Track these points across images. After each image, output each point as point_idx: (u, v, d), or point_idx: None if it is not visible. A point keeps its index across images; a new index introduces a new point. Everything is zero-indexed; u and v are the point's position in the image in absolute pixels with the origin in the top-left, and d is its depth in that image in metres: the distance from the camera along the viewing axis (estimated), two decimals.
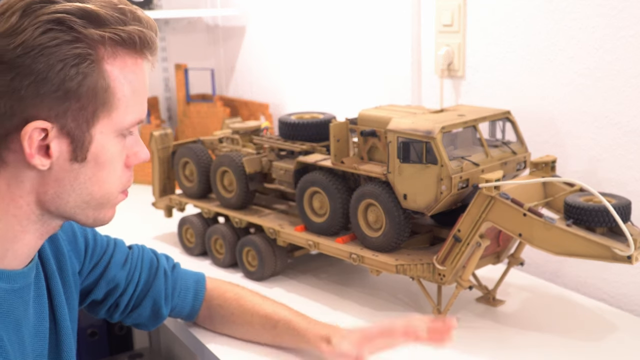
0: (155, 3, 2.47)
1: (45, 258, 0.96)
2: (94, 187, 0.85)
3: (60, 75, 0.78)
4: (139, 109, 0.86)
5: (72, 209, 0.85)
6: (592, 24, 1.32)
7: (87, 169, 0.83)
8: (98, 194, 0.86)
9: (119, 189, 0.88)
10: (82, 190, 0.84)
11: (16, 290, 0.85)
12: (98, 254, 1.10)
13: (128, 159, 0.88)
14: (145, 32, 0.83)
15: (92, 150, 0.83)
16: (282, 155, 1.48)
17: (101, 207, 0.88)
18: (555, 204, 1.19)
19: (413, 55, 1.72)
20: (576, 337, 1.20)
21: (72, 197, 0.84)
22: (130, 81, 0.83)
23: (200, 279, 1.23)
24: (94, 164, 0.83)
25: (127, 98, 0.83)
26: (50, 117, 0.79)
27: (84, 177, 0.84)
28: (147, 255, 1.19)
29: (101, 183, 0.85)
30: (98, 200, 0.86)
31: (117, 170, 0.86)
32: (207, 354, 1.20)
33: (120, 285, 1.13)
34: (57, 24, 0.78)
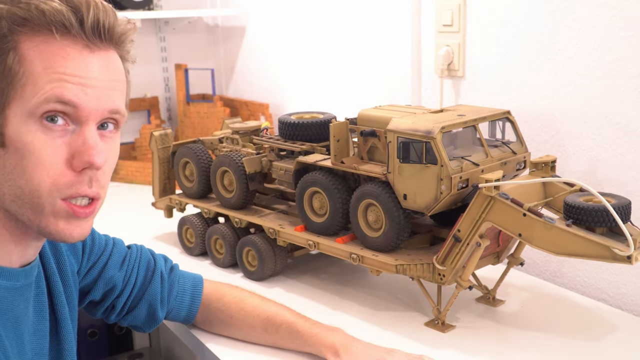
0: (155, 3, 2.48)
1: (45, 257, 0.96)
2: (21, 179, 0.78)
3: None
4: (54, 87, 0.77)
5: (10, 204, 0.80)
6: (592, 24, 1.32)
7: (10, 155, 0.77)
8: (27, 190, 0.78)
9: (50, 191, 0.79)
10: (12, 181, 0.78)
11: (17, 289, 0.85)
12: (96, 254, 1.09)
13: (72, 159, 0.79)
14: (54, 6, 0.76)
15: (9, 135, 0.77)
16: (282, 155, 1.48)
17: (37, 210, 0.79)
18: (555, 204, 1.19)
19: (413, 55, 1.72)
20: (576, 337, 1.20)
21: (6, 188, 0.79)
22: (42, 59, 0.76)
23: (198, 283, 1.22)
24: (14, 150, 0.77)
25: (35, 76, 0.76)
26: None
27: (11, 166, 0.78)
28: (144, 257, 1.18)
29: (27, 176, 0.78)
30: (29, 198, 0.79)
31: (45, 165, 0.78)
32: (207, 354, 1.20)
33: (117, 286, 1.13)
34: None
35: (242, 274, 1.50)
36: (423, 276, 1.20)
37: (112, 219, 1.45)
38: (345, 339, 1.10)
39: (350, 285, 1.43)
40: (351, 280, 1.46)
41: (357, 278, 1.47)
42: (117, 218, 1.84)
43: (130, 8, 2.32)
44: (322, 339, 1.11)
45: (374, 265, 1.26)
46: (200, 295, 1.21)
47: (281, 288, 1.43)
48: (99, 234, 1.13)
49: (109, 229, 1.20)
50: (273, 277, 1.48)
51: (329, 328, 1.14)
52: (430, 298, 1.25)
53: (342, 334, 1.12)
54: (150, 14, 2.32)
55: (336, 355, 1.08)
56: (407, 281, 1.41)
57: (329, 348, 1.09)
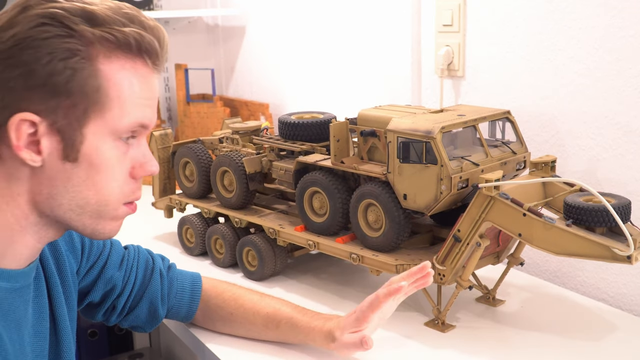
0: (155, 3, 2.48)
1: (44, 258, 0.96)
2: (89, 191, 0.82)
3: (47, 69, 0.77)
4: (139, 113, 0.83)
5: (66, 212, 0.83)
6: (592, 24, 1.32)
7: (80, 170, 0.81)
8: (94, 200, 0.83)
9: (119, 199, 0.85)
10: (76, 193, 0.82)
11: (17, 290, 0.85)
12: (95, 254, 1.09)
13: (134, 170, 0.86)
14: (145, 35, 0.82)
15: (84, 151, 0.81)
16: (282, 155, 1.48)
17: (99, 216, 0.85)
18: (555, 204, 1.19)
19: (413, 55, 1.72)
20: (576, 337, 1.20)
21: (66, 199, 0.82)
22: (128, 84, 0.81)
23: (196, 280, 1.23)
24: (87, 165, 0.81)
25: (122, 100, 0.81)
26: (40, 111, 0.78)
27: (78, 179, 0.81)
28: (142, 256, 1.18)
29: (97, 188, 0.83)
30: (94, 207, 0.83)
31: (116, 178, 0.84)
32: (208, 353, 1.20)
33: (117, 286, 1.13)
34: (50, 18, 0.78)
35: (242, 274, 1.50)
36: None
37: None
38: (339, 322, 1.11)
39: (350, 285, 1.43)
40: (351, 280, 1.46)
41: (357, 278, 1.47)
42: None
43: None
44: (320, 331, 1.12)
45: (374, 265, 1.26)
46: (199, 292, 1.21)
47: (281, 288, 1.43)
48: None
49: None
50: (273, 277, 1.48)
51: (327, 317, 1.14)
52: (430, 298, 1.25)
53: (337, 320, 1.13)
54: (150, 14, 2.31)
55: (333, 340, 1.10)
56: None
57: (326, 338, 1.11)
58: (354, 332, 1.09)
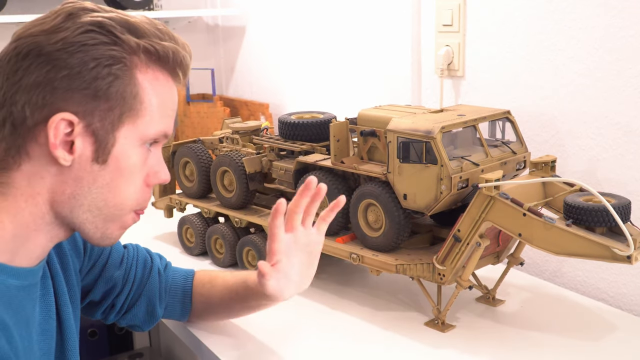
0: (155, 3, 2.47)
1: (49, 257, 0.96)
2: (110, 194, 0.85)
3: (93, 73, 0.80)
4: (165, 122, 0.88)
5: (84, 213, 0.85)
6: (592, 24, 1.32)
7: (107, 172, 0.84)
8: (112, 203, 0.86)
9: (132, 205, 0.88)
10: (98, 194, 0.85)
11: (26, 288, 0.86)
12: (96, 254, 1.11)
13: (148, 177, 0.89)
14: (180, 50, 0.87)
15: (114, 154, 0.84)
16: (282, 155, 1.48)
17: (112, 219, 0.88)
18: (555, 204, 1.19)
19: (413, 55, 1.72)
20: (576, 337, 1.20)
21: (88, 200, 0.85)
22: (159, 94, 0.86)
23: (189, 276, 1.24)
24: (114, 168, 0.84)
25: (153, 109, 0.85)
26: (78, 112, 0.81)
27: (102, 181, 0.84)
28: (141, 255, 1.20)
29: (117, 191, 0.86)
30: (111, 210, 0.87)
31: (135, 183, 0.87)
32: (207, 353, 1.20)
33: (117, 285, 1.14)
34: (98, 26, 0.82)
35: None
36: (423, 276, 1.20)
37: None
38: None
39: (350, 285, 1.43)
40: (351, 280, 1.46)
41: (357, 278, 1.47)
42: None
43: (130, 8, 2.32)
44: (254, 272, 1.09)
45: (374, 265, 1.26)
46: (191, 287, 1.23)
47: None
48: None
49: None
50: None
51: None
52: (430, 298, 1.25)
53: None
54: (150, 14, 2.32)
55: None
56: (407, 281, 1.41)
57: None
58: None
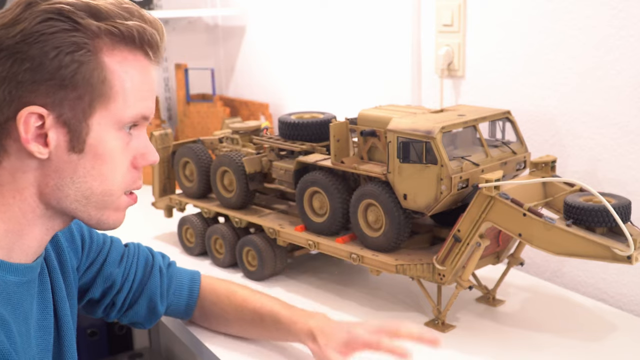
0: (155, 3, 2.47)
1: (47, 254, 0.96)
2: (95, 181, 0.84)
3: (55, 63, 0.79)
4: (141, 105, 0.86)
5: (72, 203, 0.85)
6: (592, 24, 1.32)
7: (86, 161, 0.83)
8: (98, 190, 0.85)
9: (122, 188, 0.87)
10: (82, 183, 0.84)
11: (24, 284, 0.86)
12: (94, 251, 1.10)
13: (135, 160, 0.88)
14: (147, 28, 0.84)
15: (90, 142, 0.83)
16: (282, 155, 1.48)
17: (103, 206, 0.87)
18: (555, 204, 1.19)
19: (413, 55, 1.72)
20: (576, 337, 1.20)
21: (72, 190, 0.84)
22: (131, 76, 0.84)
23: (195, 277, 1.23)
24: (93, 156, 0.83)
25: (125, 91, 0.84)
26: (47, 104, 0.80)
27: (83, 170, 0.83)
28: (142, 253, 1.19)
29: (102, 178, 0.85)
30: (99, 197, 0.85)
31: (120, 168, 0.86)
32: (207, 353, 1.20)
33: (116, 283, 1.13)
34: (57, 13, 0.80)
35: (242, 274, 1.50)
36: (423, 276, 1.20)
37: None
38: (321, 322, 1.11)
39: (350, 285, 1.43)
40: (351, 280, 1.46)
41: (357, 278, 1.47)
42: None
43: None
44: (302, 326, 1.11)
45: (374, 265, 1.26)
46: (197, 289, 1.22)
47: (281, 288, 1.43)
48: (97, 232, 1.13)
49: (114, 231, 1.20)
50: (273, 277, 1.48)
51: (309, 314, 1.14)
52: (430, 298, 1.25)
53: (319, 318, 1.12)
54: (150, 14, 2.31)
55: (313, 340, 1.09)
56: (407, 281, 1.41)
57: (307, 334, 1.10)
58: (340, 353, 1.06)
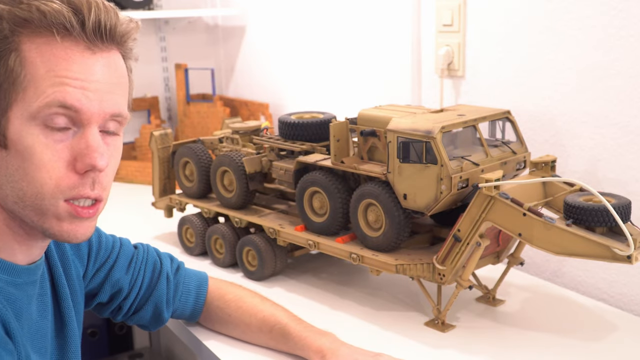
0: (155, 3, 2.48)
1: (52, 259, 0.96)
2: (23, 182, 0.78)
3: None
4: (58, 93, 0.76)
5: (12, 205, 0.80)
6: (592, 23, 1.32)
7: (12, 157, 0.77)
8: (29, 192, 0.78)
9: (54, 193, 0.79)
10: (14, 183, 0.78)
11: (18, 285, 0.85)
12: (102, 256, 1.10)
13: (75, 162, 0.79)
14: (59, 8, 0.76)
15: (10, 137, 0.77)
16: (282, 155, 1.48)
17: (41, 212, 0.80)
18: (555, 203, 1.19)
19: (413, 55, 1.72)
20: (576, 337, 1.20)
21: (8, 189, 0.79)
22: (44, 61, 0.76)
23: (203, 282, 1.23)
24: (16, 152, 0.77)
25: (37, 78, 0.76)
26: None
27: (13, 167, 0.78)
28: (151, 258, 1.18)
29: (29, 178, 0.78)
30: (31, 200, 0.79)
31: (47, 168, 0.78)
32: (208, 353, 1.20)
33: (124, 289, 1.13)
34: None
35: (242, 273, 1.49)
36: (423, 276, 1.20)
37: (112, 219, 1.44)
38: (333, 344, 1.09)
39: (350, 285, 1.43)
40: (351, 281, 1.46)
41: (357, 278, 1.47)
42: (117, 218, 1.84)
43: (130, 8, 2.33)
44: (311, 342, 1.10)
45: (374, 265, 1.26)
46: (204, 294, 1.22)
47: (281, 288, 1.43)
48: (107, 235, 1.13)
49: (109, 228, 1.20)
50: (273, 277, 1.48)
51: (320, 332, 1.13)
52: (430, 298, 1.25)
53: (331, 338, 1.11)
54: (150, 14, 2.32)
55: (323, 359, 1.07)
56: (407, 281, 1.41)
57: (316, 352, 1.09)
58: None
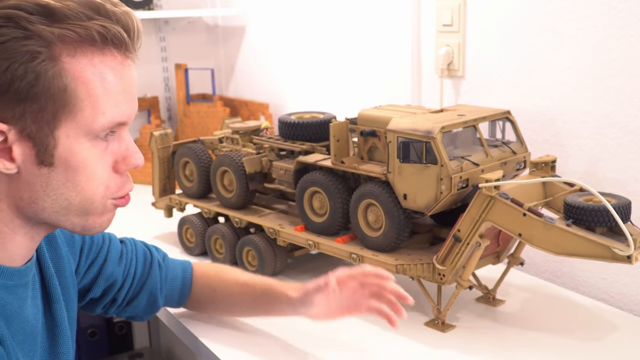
0: (155, 3, 2.48)
1: (43, 261, 0.95)
2: (71, 192, 0.80)
3: (7, 75, 0.73)
4: (115, 110, 0.79)
5: (50, 215, 0.81)
6: (592, 23, 1.32)
7: (58, 174, 0.78)
8: (76, 200, 0.80)
9: (106, 196, 0.83)
10: (58, 196, 0.80)
11: (9, 287, 0.84)
12: (94, 252, 1.10)
13: (117, 165, 0.83)
14: (110, 27, 0.77)
15: (59, 155, 0.78)
16: (282, 155, 1.48)
17: (86, 213, 0.82)
18: (555, 203, 1.19)
19: (413, 55, 1.72)
20: (576, 337, 1.20)
21: (48, 202, 0.80)
22: (100, 80, 0.77)
23: (187, 266, 1.25)
24: (65, 168, 0.78)
25: (94, 98, 0.77)
26: (6, 118, 0.74)
27: (57, 183, 0.79)
28: (140, 248, 1.20)
29: (79, 189, 0.80)
30: (78, 207, 0.81)
31: (99, 176, 0.81)
32: (207, 353, 1.20)
33: (117, 281, 1.14)
34: (6, 20, 0.73)
35: None
36: (423, 276, 1.20)
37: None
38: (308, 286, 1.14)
39: None
40: None
41: None
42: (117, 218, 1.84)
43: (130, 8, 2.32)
44: (296, 286, 1.15)
45: (374, 265, 1.25)
46: (190, 277, 1.24)
47: None
48: None
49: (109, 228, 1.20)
50: (273, 277, 1.47)
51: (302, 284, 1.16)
52: (430, 298, 1.25)
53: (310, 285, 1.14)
54: (150, 14, 2.32)
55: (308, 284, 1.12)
56: (407, 281, 1.41)
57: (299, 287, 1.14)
58: None
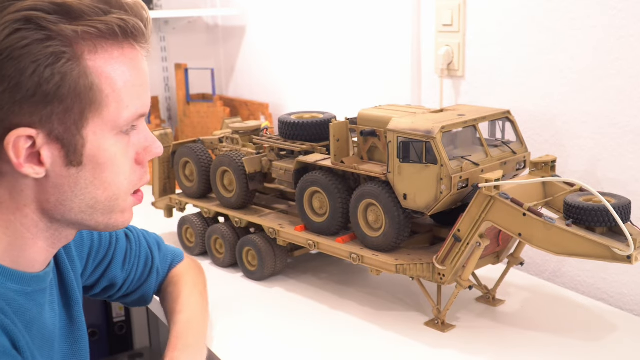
0: (155, 3, 2.48)
1: (62, 266, 0.95)
2: (98, 190, 0.81)
3: (34, 79, 0.72)
4: (137, 102, 0.80)
5: (77, 214, 0.82)
6: (592, 23, 1.32)
7: (86, 172, 0.79)
8: (103, 197, 0.82)
9: (128, 190, 0.84)
10: (85, 195, 0.80)
11: (28, 294, 0.84)
12: (101, 255, 1.11)
13: (139, 156, 0.84)
14: (128, 19, 0.77)
15: (88, 153, 0.78)
16: (282, 155, 1.48)
17: (110, 211, 0.84)
18: (555, 203, 1.19)
19: (413, 55, 1.72)
20: (576, 337, 1.20)
21: (76, 203, 0.80)
22: (121, 74, 0.78)
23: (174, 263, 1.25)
24: (93, 166, 0.79)
25: (118, 93, 0.78)
26: (33, 123, 0.74)
27: (85, 182, 0.80)
28: (143, 250, 1.20)
29: (106, 185, 0.81)
30: (105, 204, 0.82)
31: (123, 170, 0.82)
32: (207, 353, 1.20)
33: (117, 283, 1.16)
34: (25, 22, 0.72)
35: (242, 273, 1.49)
36: (423, 276, 1.20)
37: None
38: None
39: (350, 285, 1.43)
40: (351, 280, 1.46)
41: (357, 278, 1.47)
42: None
43: None
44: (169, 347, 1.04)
45: (374, 265, 1.26)
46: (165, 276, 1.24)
47: (281, 288, 1.43)
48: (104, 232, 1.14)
49: None
50: (273, 277, 1.48)
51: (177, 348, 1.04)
52: (430, 298, 1.25)
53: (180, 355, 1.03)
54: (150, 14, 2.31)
55: None
56: (407, 281, 1.41)
57: None
58: None
